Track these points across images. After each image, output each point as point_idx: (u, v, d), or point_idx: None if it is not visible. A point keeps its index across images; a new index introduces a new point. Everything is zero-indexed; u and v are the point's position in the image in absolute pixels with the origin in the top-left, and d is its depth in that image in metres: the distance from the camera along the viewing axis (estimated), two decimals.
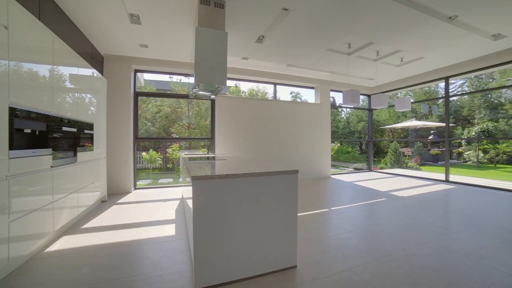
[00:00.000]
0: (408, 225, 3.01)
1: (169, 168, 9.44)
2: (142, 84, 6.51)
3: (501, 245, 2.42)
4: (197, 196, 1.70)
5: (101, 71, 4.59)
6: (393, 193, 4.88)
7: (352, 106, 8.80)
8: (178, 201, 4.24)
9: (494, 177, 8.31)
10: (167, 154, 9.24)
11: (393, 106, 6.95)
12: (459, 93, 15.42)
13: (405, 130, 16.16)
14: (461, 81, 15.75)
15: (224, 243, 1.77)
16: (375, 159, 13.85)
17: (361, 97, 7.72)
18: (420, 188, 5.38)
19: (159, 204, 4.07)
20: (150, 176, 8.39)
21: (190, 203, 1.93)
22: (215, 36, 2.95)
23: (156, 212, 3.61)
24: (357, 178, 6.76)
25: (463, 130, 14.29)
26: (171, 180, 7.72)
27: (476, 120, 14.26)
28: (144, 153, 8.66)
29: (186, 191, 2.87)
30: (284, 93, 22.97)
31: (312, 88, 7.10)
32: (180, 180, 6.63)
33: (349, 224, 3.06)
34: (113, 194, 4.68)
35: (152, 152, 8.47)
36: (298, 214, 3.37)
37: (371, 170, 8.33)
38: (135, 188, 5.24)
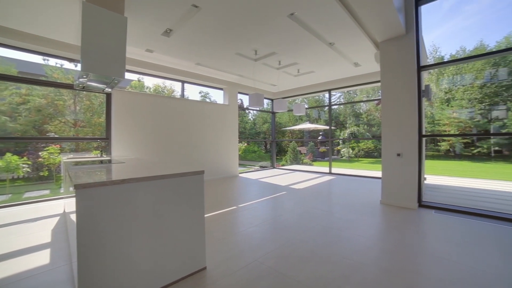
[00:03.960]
0: (303, 213, 3.55)
1: (43, 177, 7.30)
2: None
3: (360, 218, 3.25)
4: (83, 208, 1.39)
5: None
6: (292, 186, 5.65)
7: (257, 109, 9.58)
8: (58, 218, 3.35)
9: (358, 168, 11.10)
10: (40, 159, 7.11)
11: (291, 110, 8.04)
12: (338, 103, 19.87)
13: (301, 131, 19.06)
14: (339, 94, 20.18)
15: (121, 259, 1.53)
16: (277, 157, 15.64)
17: (265, 100, 8.53)
18: (312, 180, 6.47)
19: (24, 226, 3.08)
20: (7, 190, 6.20)
21: (74, 217, 1.56)
22: (111, 19, 2.52)
23: (17, 239, 2.69)
24: (262, 175, 7.40)
25: (340, 132, 18.34)
26: (46, 192, 6.01)
27: (347, 124, 18.66)
28: None
29: (69, 204, 2.31)
30: (193, 92, 22.42)
31: (221, 89, 7.25)
32: (62, 190, 5.27)
33: (255, 218, 3.31)
34: None
35: (10, 157, 6.22)
36: (206, 215, 3.37)
37: (274, 167, 9.33)
38: None
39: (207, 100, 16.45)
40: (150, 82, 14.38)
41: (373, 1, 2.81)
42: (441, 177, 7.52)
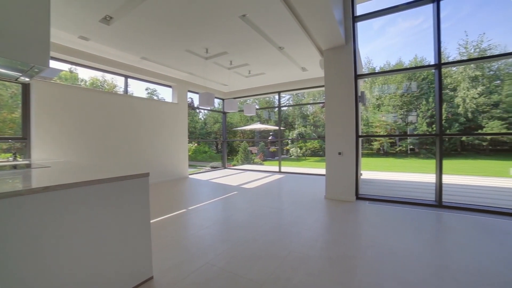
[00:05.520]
0: (254, 211, 3.62)
1: None
2: None
3: (307, 213, 3.49)
4: None
5: None
6: (243, 186, 5.70)
7: (208, 108, 9.39)
8: None
9: (305, 166, 11.92)
10: None
11: (242, 110, 8.13)
12: (287, 104, 20.98)
13: (252, 131, 19.45)
14: (288, 96, 21.33)
15: (46, 285, 1.29)
16: (229, 157, 15.62)
17: (216, 100, 8.41)
18: (263, 179, 6.66)
19: None
20: None
21: None
22: None
23: None
24: (213, 176, 7.28)
25: (289, 132, 19.39)
26: None
27: (296, 125, 19.87)
28: None
29: None
30: (139, 88, 20.69)
31: (170, 86, 6.85)
32: None
33: (206, 220, 3.23)
34: None
35: None
36: (153, 220, 3.15)
37: (225, 168, 9.28)
38: None
39: (155, 97, 15.35)
40: (86, 74, 12.69)
41: (318, 12, 3.06)
42: (374, 172, 8.67)
